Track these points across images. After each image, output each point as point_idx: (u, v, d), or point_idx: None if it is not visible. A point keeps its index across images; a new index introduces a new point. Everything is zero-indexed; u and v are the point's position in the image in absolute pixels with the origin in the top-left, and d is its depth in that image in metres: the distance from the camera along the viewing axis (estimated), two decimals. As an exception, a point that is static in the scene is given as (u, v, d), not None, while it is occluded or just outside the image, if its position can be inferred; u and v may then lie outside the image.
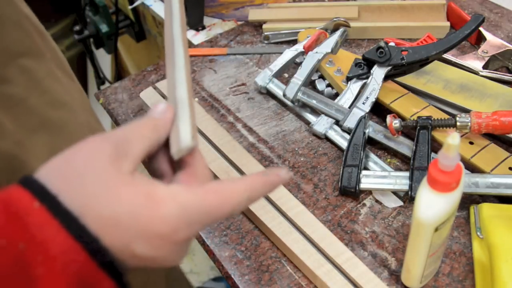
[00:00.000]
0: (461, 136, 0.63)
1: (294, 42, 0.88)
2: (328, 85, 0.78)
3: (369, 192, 0.64)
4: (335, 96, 0.76)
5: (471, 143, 0.63)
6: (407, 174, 0.61)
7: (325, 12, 0.92)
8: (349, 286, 0.52)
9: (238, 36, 0.94)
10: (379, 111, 0.73)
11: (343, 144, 0.68)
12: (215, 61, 0.88)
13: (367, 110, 0.69)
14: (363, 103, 0.69)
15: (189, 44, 0.95)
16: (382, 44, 0.68)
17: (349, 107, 0.71)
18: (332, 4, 0.94)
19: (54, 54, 0.68)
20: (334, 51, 0.75)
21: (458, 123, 0.62)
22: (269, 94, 0.80)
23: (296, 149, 0.71)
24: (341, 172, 0.63)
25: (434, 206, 0.44)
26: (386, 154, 0.69)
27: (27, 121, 0.61)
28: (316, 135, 0.72)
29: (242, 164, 0.65)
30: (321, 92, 0.77)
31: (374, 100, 0.69)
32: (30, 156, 0.61)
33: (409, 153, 0.65)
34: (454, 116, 0.63)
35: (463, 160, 0.61)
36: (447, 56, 0.79)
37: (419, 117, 0.64)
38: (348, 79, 0.73)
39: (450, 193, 0.43)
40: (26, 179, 0.31)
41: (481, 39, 0.83)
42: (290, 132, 0.74)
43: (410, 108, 0.69)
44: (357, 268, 0.53)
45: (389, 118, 0.65)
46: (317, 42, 0.78)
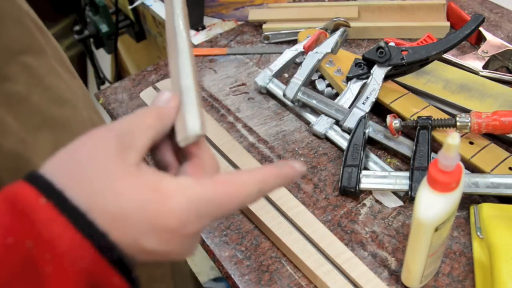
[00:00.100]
0: (461, 136, 0.63)
1: (294, 42, 0.88)
2: (328, 85, 0.78)
3: (369, 192, 0.64)
4: (335, 96, 0.76)
5: (471, 143, 0.63)
6: (407, 174, 0.61)
7: (325, 12, 0.92)
8: (349, 286, 0.52)
9: (238, 36, 0.94)
10: (379, 111, 0.73)
11: (343, 144, 0.68)
12: (215, 61, 0.88)
13: (367, 110, 0.69)
14: (363, 103, 0.69)
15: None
16: (382, 44, 0.68)
17: (349, 107, 0.71)
18: (332, 4, 0.94)
19: (55, 51, 0.68)
20: (334, 51, 0.75)
21: (458, 123, 0.62)
22: (269, 94, 0.80)
23: (296, 149, 0.71)
24: (341, 172, 0.63)
25: (434, 206, 0.44)
26: (386, 154, 0.69)
27: (30, 119, 0.61)
28: (316, 135, 0.72)
29: (242, 164, 0.65)
30: (321, 92, 0.77)
31: (374, 100, 0.69)
32: (34, 154, 0.61)
33: (409, 153, 0.65)
34: (454, 116, 0.63)
35: (463, 160, 0.61)
36: (447, 56, 0.79)
37: (419, 117, 0.64)
38: (348, 79, 0.73)
39: (450, 193, 0.43)
40: (31, 175, 0.30)
41: (481, 39, 0.83)
42: (290, 132, 0.74)
43: (410, 108, 0.69)
44: (357, 268, 0.53)
45: (389, 118, 0.65)
46: (317, 42, 0.78)
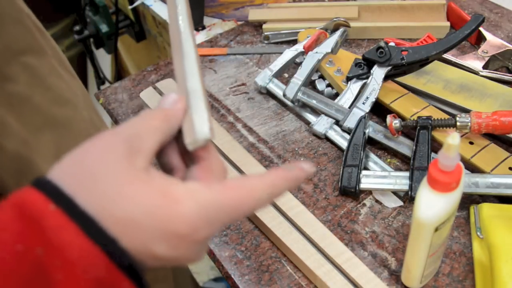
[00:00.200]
0: (461, 136, 0.63)
1: (294, 42, 0.88)
2: (328, 85, 0.78)
3: (369, 192, 0.64)
4: (335, 96, 0.76)
5: (471, 143, 0.63)
6: (407, 174, 0.61)
7: (325, 12, 0.92)
8: (349, 286, 0.52)
9: (238, 36, 0.94)
10: (379, 111, 0.73)
11: (343, 144, 0.68)
12: (215, 61, 0.88)
13: (367, 110, 0.69)
14: (363, 103, 0.69)
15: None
16: (382, 44, 0.68)
17: (349, 107, 0.71)
18: (332, 4, 0.94)
19: (54, 51, 0.68)
20: (334, 51, 0.75)
21: (458, 123, 0.62)
22: (269, 94, 0.80)
23: (296, 149, 0.71)
24: (341, 172, 0.63)
25: (434, 206, 0.44)
26: (386, 154, 0.69)
27: (32, 120, 0.61)
28: (316, 135, 0.72)
29: (242, 164, 0.65)
30: (321, 92, 0.77)
31: (374, 100, 0.69)
32: (37, 155, 0.61)
33: (409, 153, 0.65)
34: (454, 116, 0.63)
35: (463, 160, 0.61)
36: (447, 56, 0.79)
37: (419, 117, 0.64)
38: (348, 79, 0.73)
39: (450, 193, 0.43)
40: (39, 181, 0.30)
41: (481, 39, 0.83)
42: (290, 132, 0.74)
43: (410, 108, 0.69)
44: (357, 268, 0.53)
45: (389, 118, 0.65)
46: (317, 42, 0.78)
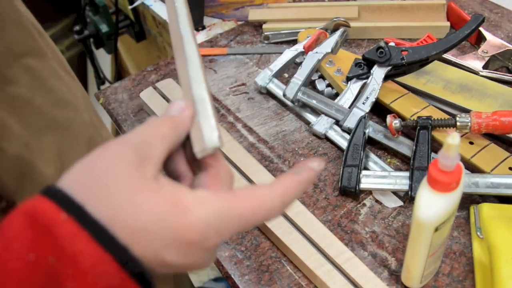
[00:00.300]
0: (461, 136, 0.63)
1: (294, 42, 0.88)
2: (328, 85, 0.78)
3: (369, 192, 0.64)
4: (335, 96, 0.76)
5: (471, 143, 0.63)
6: (407, 174, 0.61)
7: (325, 12, 0.92)
8: (349, 286, 0.52)
9: (238, 36, 0.94)
10: (379, 111, 0.73)
11: (343, 144, 0.68)
12: (215, 61, 0.88)
13: (367, 110, 0.69)
14: (363, 103, 0.69)
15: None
16: (382, 44, 0.68)
17: (349, 107, 0.71)
18: (332, 4, 0.94)
19: (54, 53, 0.68)
20: (334, 51, 0.75)
21: (458, 123, 0.62)
22: (269, 94, 0.80)
23: (296, 149, 0.71)
24: (341, 172, 0.63)
25: (434, 206, 0.44)
26: (386, 154, 0.69)
27: (34, 122, 0.61)
28: (316, 135, 0.72)
29: (243, 165, 0.65)
30: (321, 92, 0.77)
31: (374, 100, 0.69)
32: (38, 158, 0.60)
33: (409, 153, 0.65)
34: (454, 116, 0.63)
35: (463, 160, 0.61)
36: (447, 56, 0.79)
37: (419, 117, 0.64)
38: (348, 79, 0.73)
39: (450, 193, 0.43)
40: (49, 189, 0.30)
41: (481, 39, 0.83)
42: (290, 132, 0.74)
43: (410, 108, 0.69)
44: (357, 268, 0.53)
45: (389, 118, 0.65)
46: (317, 42, 0.78)
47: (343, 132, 0.70)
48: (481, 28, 0.82)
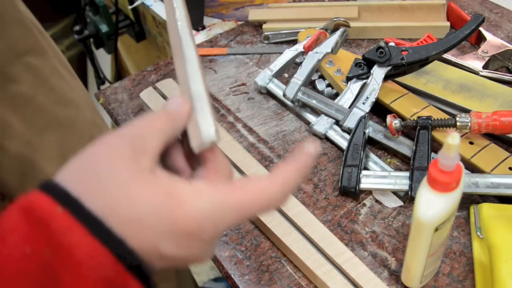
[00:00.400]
0: (461, 136, 0.63)
1: (294, 42, 0.88)
2: (328, 85, 0.78)
3: (369, 192, 0.64)
4: (335, 96, 0.76)
5: (471, 143, 0.63)
6: (407, 174, 0.61)
7: (325, 12, 0.92)
8: (349, 286, 0.52)
9: (238, 36, 0.94)
10: (379, 111, 0.73)
11: (343, 144, 0.68)
12: (215, 61, 0.88)
13: (367, 110, 0.69)
14: (363, 103, 0.69)
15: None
16: (382, 44, 0.68)
17: (349, 107, 0.71)
18: (332, 4, 0.94)
19: (55, 52, 0.68)
20: (334, 51, 0.75)
21: (458, 123, 0.62)
22: (269, 94, 0.80)
23: (296, 149, 0.71)
24: (341, 172, 0.63)
25: (434, 206, 0.44)
26: (386, 154, 0.69)
27: (36, 120, 0.61)
28: (316, 135, 0.72)
29: (243, 164, 0.65)
30: (321, 92, 0.77)
31: (374, 100, 0.69)
32: (40, 156, 0.61)
33: (409, 153, 0.65)
34: (454, 116, 0.63)
35: (463, 160, 0.61)
36: (447, 56, 0.79)
37: (419, 117, 0.64)
38: (348, 79, 0.73)
39: (450, 193, 0.43)
40: (46, 184, 0.30)
41: (481, 39, 0.83)
42: (290, 132, 0.74)
43: (410, 108, 0.69)
44: (357, 268, 0.53)
45: (389, 118, 0.65)
46: (317, 42, 0.78)
47: (343, 132, 0.70)
48: (481, 28, 0.82)
